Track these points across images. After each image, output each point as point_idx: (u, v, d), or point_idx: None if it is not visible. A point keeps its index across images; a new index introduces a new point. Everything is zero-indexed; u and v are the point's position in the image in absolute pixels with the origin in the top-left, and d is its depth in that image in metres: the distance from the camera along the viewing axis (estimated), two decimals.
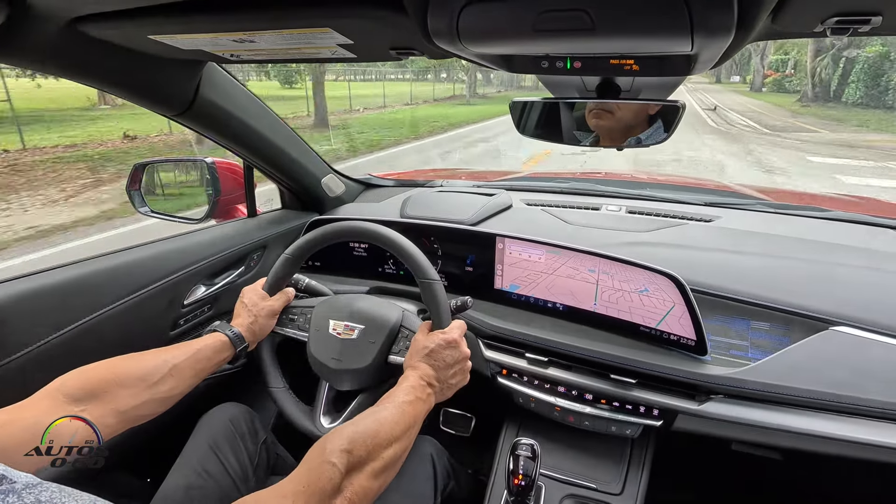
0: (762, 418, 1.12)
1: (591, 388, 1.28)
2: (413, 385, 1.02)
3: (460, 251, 1.56)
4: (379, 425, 0.88)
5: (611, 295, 1.30)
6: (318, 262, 1.77)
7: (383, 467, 0.84)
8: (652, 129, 1.08)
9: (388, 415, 0.91)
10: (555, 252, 1.35)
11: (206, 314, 1.53)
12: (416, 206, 1.74)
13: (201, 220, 1.70)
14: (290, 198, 1.88)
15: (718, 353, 1.24)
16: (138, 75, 1.13)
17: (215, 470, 1.14)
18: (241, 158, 1.60)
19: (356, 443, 0.82)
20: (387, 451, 0.86)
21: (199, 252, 1.49)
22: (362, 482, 0.80)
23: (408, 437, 0.92)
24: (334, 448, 0.80)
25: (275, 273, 1.30)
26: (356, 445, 0.82)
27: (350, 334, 1.24)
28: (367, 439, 0.84)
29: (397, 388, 1.01)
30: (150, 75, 1.15)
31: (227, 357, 1.16)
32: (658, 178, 2.51)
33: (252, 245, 1.65)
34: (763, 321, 1.24)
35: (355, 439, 0.82)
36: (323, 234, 1.27)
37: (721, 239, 1.45)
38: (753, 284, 1.26)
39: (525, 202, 1.82)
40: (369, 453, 0.83)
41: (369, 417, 0.90)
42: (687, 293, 1.16)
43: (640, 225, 1.57)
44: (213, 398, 1.31)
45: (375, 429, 0.87)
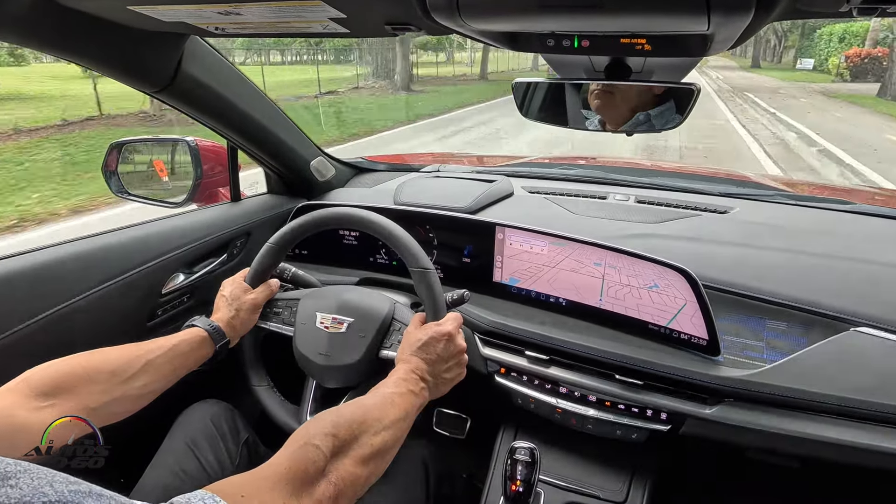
0: (778, 424, 1.11)
1: (594, 389, 1.28)
2: (404, 378, 1.02)
3: (457, 241, 1.56)
4: (365, 411, 0.89)
5: (617, 291, 1.30)
6: (305, 251, 1.77)
7: (371, 454, 0.84)
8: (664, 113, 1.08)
9: (374, 402, 0.92)
10: (558, 243, 1.35)
11: (186, 304, 1.54)
12: (410, 192, 1.74)
13: (181, 204, 1.71)
14: (276, 181, 1.88)
15: (732, 354, 1.23)
16: (116, 49, 1.12)
17: (193, 470, 1.14)
18: (225, 139, 1.60)
19: (340, 427, 0.83)
20: (374, 438, 0.86)
21: (178, 238, 1.48)
22: (348, 468, 0.80)
23: (398, 427, 0.92)
24: (318, 430, 0.81)
25: (258, 263, 1.30)
26: (340, 429, 0.82)
27: (338, 328, 1.24)
28: (351, 424, 0.84)
29: (387, 380, 1.03)
30: (128, 49, 1.14)
31: (206, 354, 1.16)
32: (670, 166, 2.50)
33: (235, 231, 1.65)
34: (780, 320, 1.23)
35: (339, 423, 0.83)
36: (310, 220, 1.27)
37: (737, 232, 1.45)
38: (770, 281, 1.26)
39: (527, 190, 1.81)
40: (355, 437, 0.83)
41: (353, 404, 0.91)
42: (699, 290, 1.16)
43: (649, 216, 1.56)
44: (191, 394, 1.31)
45: (361, 414, 0.87)
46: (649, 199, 1.67)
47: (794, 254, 1.34)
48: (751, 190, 1.75)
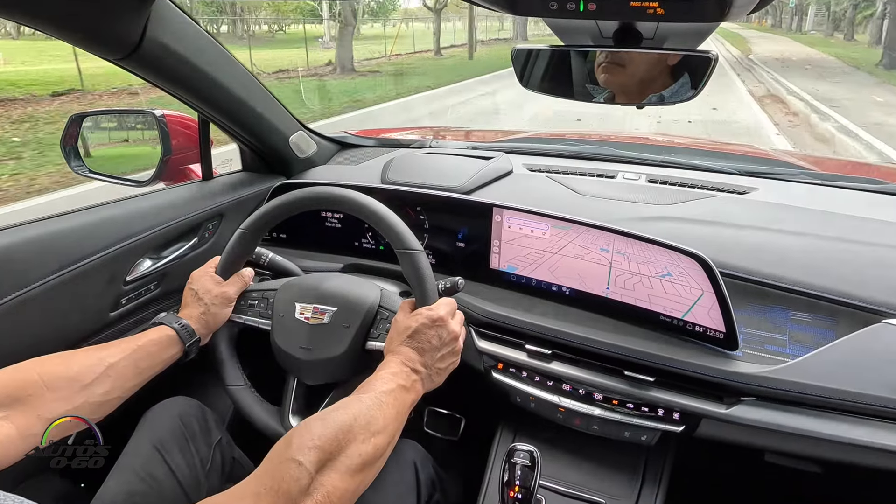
0: (801, 425, 1.11)
1: (601, 386, 1.28)
2: (394, 372, 1.02)
3: (451, 224, 1.55)
4: (352, 418, 0.88)
5: (626, 279, 1.29)
6: (283, 235, 1.77)
7: (361, 465, 0.84)
8: (677, 85, 1.07)
9: (363, 406, 0.91)
10: (562, 227, 1.34)
11: (153, 292, 1.53)
12: (399, 170, 1.73)
13: (148, 183, 1.69)
14: (252, 158, 1.87)
15: (751, 348, 1.23)
16: (73, 11, 1.09)
17: (161, 474, 1.13)
18: (196, 111, 1.58)
19: (326, 438, 0.82)
20: (363, 446, 0.86)
21: (144, 220, 1.47)
22: (335, 482, 0.79)
23: (389, 430, 0.92)
24: (301, 444, 0.80)
25: (228, 253, 1.30)
26: (326, 441, 0.81)
27: (320, 318, 1.24)
28: (338, 434, 0.84)
29: (375, 375, 1.01)
30: (87, 11, 1.11)
31: (174, 354, 1.16)
32: (685, 142, 2.49)
33: (207, 213, 1.64)
34: (804, 311, 1.23)
35: (324, 434, 0.82)
36: (289, 201, 1.26)
37: (758, 214, 1.44)
38: (794, 268, 1.25)
39: (528, 167, 1.81)
40: (342, 449, 0.83)
41: (340, 410, 0.90)
42: (716, 278, 1.15)
43: (662, 196, 1.55)
44: (158, 391, 1.29)
45: (348, 422, 0.86)
46: (662, 178, 1.67)
47: (820, 239, 1.33)
48: (773, 168, 1.74)
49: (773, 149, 2.18)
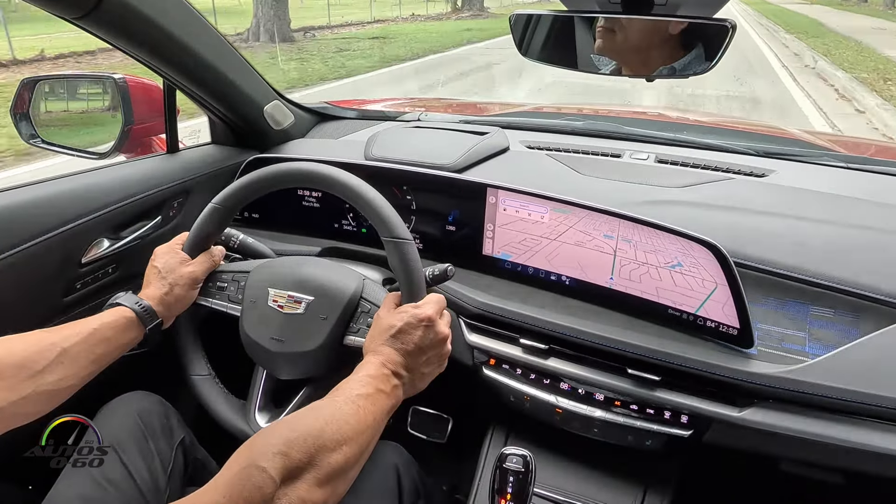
0: (821, 430, 1.10)
1: (602, 385, 1.27)
2: (372, 374, 1.01)
3: (440, 205, 1.55)
4: (323, 423, 0.87)
5: (632, 270, 1.29)
6: (256, 214, 1.77)
7: (331, 474, 0.83)
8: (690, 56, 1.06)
9: (336, 411, 0.91)
10: (562, 210, 1.33)
11: (111, 275, 1.52)
12: (384, 145, 1.72)
13: (106, 155, 1.70)
14: (222, 130, 1.86)
15: (767, 346, 1.22)
16: None
17: (118, 478, 1.13)
18: (161, 77, 1.57)
19: (293, 444, 0.81)
20: (334, 455, 0.84)
21: (102, 196, 1.47)
22: (303, 493, 0.79)
23: (364, 439, 0.91)
24: (265, 450, 0.79)
25: (198, 228, 1.29)
26: (293, 447, 0.81)
27: (295, 308, 1.23)
28: (307, 439, 0.83)
29: (352, 377, 1.00)
30: None
31: (133, 338, 1.15)
32: (698, 119, 2.48)
33: (172, 189, 1.64)
34: (826, 306, 1.22)
35: (292, 439, 0.82)
36: (263, 177, 1.26)
37: (776, 199, 1.43)
38: (815, 259, 1.25)
39: (526, 144, 1.81)
40: (311, 457, 0.82)
41: (310, 413, 0.90)
42: (730, 268, 1.14)
43: (672, 178, 1.55)
44: (115, 385, 1.30)
45: (318, 427, 0.86)
46: (673, 158, 1.66)
47: (844, 227, 1.33)
48: (795, 149, 1.75)
49: (795, 128, 2.17)
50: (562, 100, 10.09)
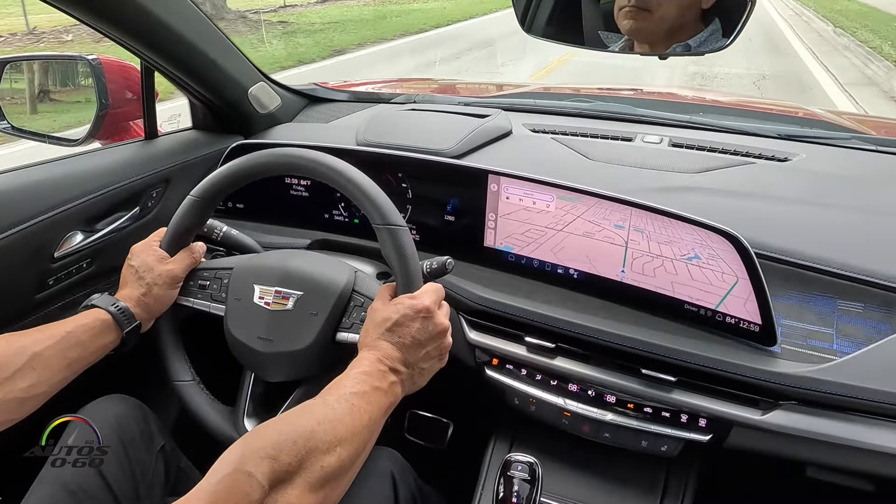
0: (850, 434, 1.10)
1: (613, 386, 1.27)
2: (368, 371, 1.00)
3: (438, 193, 1.54)
4: (315, 424, 0.86)
5: (646, 263, 1.28)
6: (240, 205, 1.76)
7: (323, 480, 0.83)
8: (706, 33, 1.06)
9: (329, 411, 0.90)
10: (569, 198, 1.32)
11: (86, 271, 1.53)
12: (378, 130, 1.72)
13: (81, 142, 1.70)
14: (204, 114, 1.87)
15: (792, 344, 1.21)
16: None
17: (95, 488, 1.13)
18: (139, 57, 1.57)
19: (283, 446, 0.81)
20: (327, 457, 0.84)
21: (76, 186, 1.47)
22: (292, 500, 0.78)
23: (359, 440, 0.91)
24: (252, 453, 0.78)
25: (176, 223, 1.29)
26: (282, 450, 0.80)
27: (283, 304, 1.23)
28: (297, 441, 0.82)
29: (346, 374, 1.00)
30: None
31: (110, 342, 1.16)
32: (717, 99, 2.48)
33: (150, 178, 1.64)
34: (855, 301, 1.22)
35: (281, 442, 0.81)
36: (247, 165, 1.25)
37: (801, 185, 1.44)
38: (843, 250, 1.24)
39: (530, 128, 1.81)
40: (302, 461, 0.81)
41: (300, 414, 0.89)
42: (751, 260, 1.14)
43: (688, 163, 1.54)
44: (91, 388, 1.29)
45: (310, 428, 0.85)
46: (689, 141, 1.66)
47: (875, 215, 1.33)
48: (820, 131, 1.75)
49: (821, 109, 2.17)
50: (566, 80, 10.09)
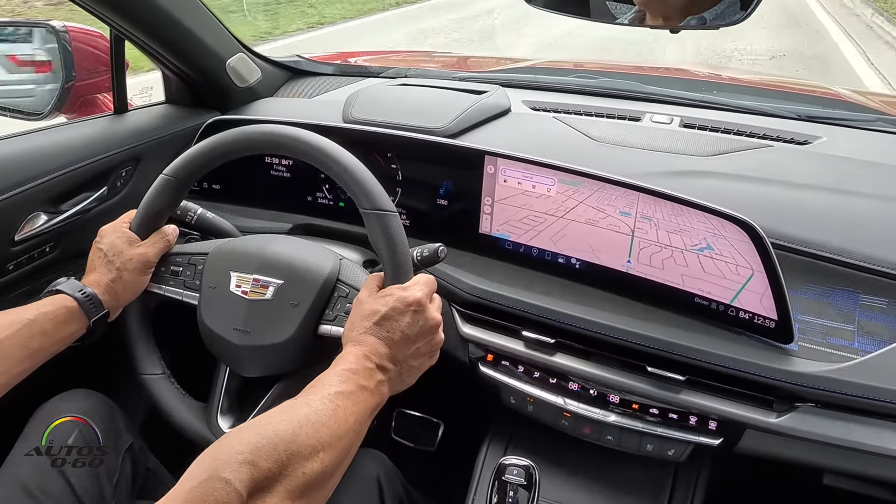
0: (870, 439, 1.10)
1: (617, 385, 1.27)
2: (353, 369, 0.99)
3: (430, 176, 1.54)
4: (296, 427, 0.85)
5: (653, 254, 1.27)
6: (216, 185, 1.76)
7: (304, 486, 0.82)
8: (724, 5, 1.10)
9: (311, 412, 0.89)
10: (572, 182, 1.31)
11: (49, 255, 1.54)
12: (366, 106, 1.71)
13: (44, 116, 1.71)
14: (178, 87, 1.87)
15: (810, 341, 1.20)
16: None
17: (57, 491, 1.13)
18: (108, 25, 1.56)
19: (262, 451, 0.80)
20: (310, 463, 0.83)
21: (39, 163, 1.46)
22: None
23: (344, 444, 0.90)
24: (229, 458, 0.77)
25: (148, 203, 1.28)
26: (262, 455, 0.79)
27: (261, 293, 1.22)
28: (277, 445, 0.81)
29: (329, 372, 0.99)
30: None
31: (75, 331, 1.15)
32: (732, 76, 2.47)
33: (119, 155, 1.64)
34: (878, 295, 1.21)
35: (260, 446, 0.80)
36: (224, 143, 1.25)
37: (821, 171, 1.43)
38: (867, 240, 1.23)
39: (530, 105, 1.80)
40: (282, 466, 0.80)
41: (280, 415, 0.88)
42: (767, 251, 1.13)
43: (700, 146, 1.53)
44: (53, 381, 1.30)
45: (290, 431, 0.84)
46: (701, 122, 1.65)
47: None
48: (843, 113, 1.74)
49: (845, 88, 2.16)
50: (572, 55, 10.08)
